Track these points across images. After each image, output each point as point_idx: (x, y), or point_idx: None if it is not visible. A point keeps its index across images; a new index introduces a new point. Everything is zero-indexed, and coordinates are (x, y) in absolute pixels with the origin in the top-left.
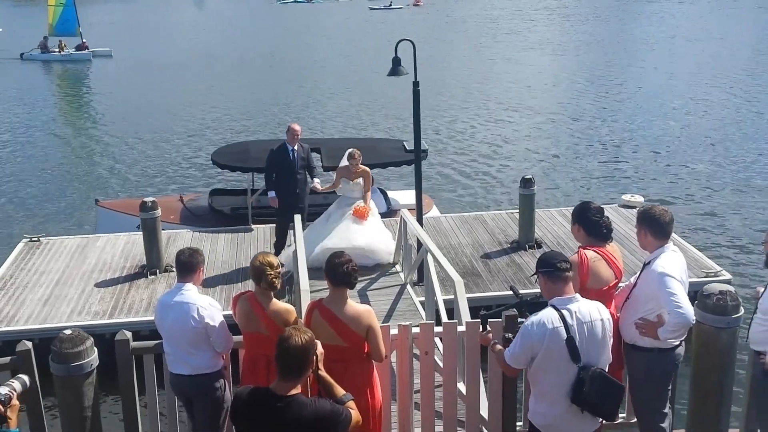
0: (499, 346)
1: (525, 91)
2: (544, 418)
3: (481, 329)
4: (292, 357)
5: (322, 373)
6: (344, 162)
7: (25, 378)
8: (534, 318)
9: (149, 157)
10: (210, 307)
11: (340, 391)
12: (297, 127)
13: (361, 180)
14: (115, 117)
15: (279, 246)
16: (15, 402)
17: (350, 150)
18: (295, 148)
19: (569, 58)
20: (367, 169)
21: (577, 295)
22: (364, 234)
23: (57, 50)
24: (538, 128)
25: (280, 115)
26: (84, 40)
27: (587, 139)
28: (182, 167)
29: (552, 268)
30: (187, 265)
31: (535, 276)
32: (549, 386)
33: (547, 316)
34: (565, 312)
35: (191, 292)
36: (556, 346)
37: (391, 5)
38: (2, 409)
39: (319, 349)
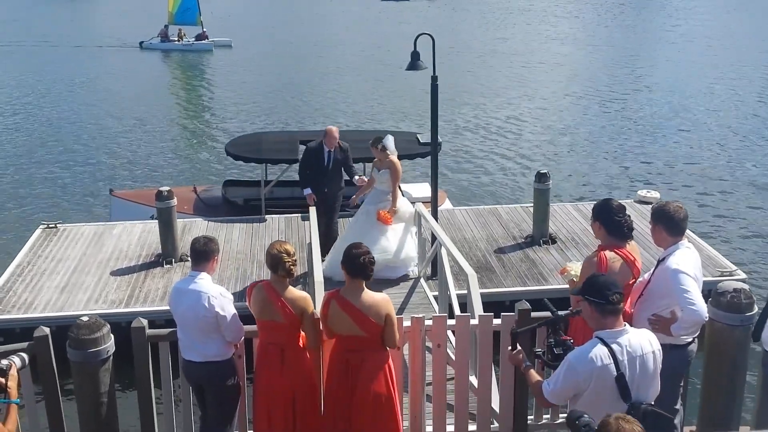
0: (536, 376)
1: (540, 84)
2: None
3: (510, 348)
4: None
5: None
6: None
7: (24, 356)
8: (580, 353)
9: (162, 147)
10: (221, 297)
11: None
12: (334, 129)
13: (387, 172)
14: (173, 109)
15: (326, 245)
16: (14, 372)
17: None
18: (332, 149)
19: (586, 51)
20: (395, 160)
21: (627, 326)
22: (388, 245)
23: (176, 39)
24: (554, 122)
25: (294, 106)
26: (204, 30)
27: (604, 133)
28: (196, 158)
29: (604, 301)
30: (202, 253)
31: (580, 299)
32: None
33: (596, 352)
34: (615, 346)
35: (204, 281)
36: (605, 384)
37: None
38: (2, 380)
39: None
